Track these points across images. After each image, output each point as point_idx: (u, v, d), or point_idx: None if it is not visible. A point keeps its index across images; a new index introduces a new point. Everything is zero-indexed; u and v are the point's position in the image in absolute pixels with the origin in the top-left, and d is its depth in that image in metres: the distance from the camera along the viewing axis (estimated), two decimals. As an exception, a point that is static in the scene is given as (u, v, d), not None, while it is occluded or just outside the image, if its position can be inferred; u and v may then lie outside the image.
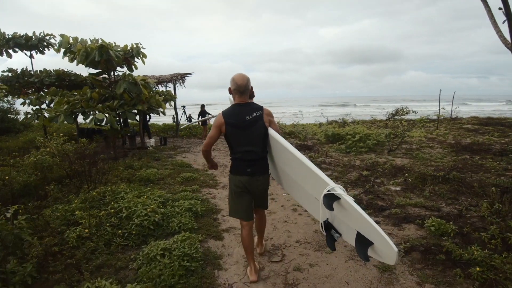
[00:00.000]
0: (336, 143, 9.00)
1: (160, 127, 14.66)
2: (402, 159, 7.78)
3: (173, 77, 11.68)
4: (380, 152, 8.62)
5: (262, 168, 2.50)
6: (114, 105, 6.99)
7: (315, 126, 12.09)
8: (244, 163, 2.43)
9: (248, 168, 2.42)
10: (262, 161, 2.49)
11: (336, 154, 8.26)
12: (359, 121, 14.59)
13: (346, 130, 9.24)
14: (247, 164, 2.42)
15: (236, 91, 2.39)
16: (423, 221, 3.72)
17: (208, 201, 4.72)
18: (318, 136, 9.85)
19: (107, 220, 3.40)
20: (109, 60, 7.22)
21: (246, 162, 2.42)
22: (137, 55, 8.32)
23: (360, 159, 7.70)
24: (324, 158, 7.72)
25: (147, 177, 5.52)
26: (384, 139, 9.15)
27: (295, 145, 9.50)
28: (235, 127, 2.37)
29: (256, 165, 2.45)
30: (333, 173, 6.32)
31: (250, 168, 2.42)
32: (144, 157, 7.78)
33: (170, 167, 6.75)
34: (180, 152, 8.93)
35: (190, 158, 8.06)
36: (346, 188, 5.33)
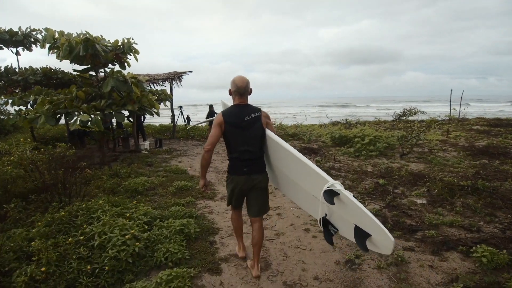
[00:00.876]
0: (344, 146, 8.25)
1: (157, 128, 13.89)
2: (417, 164, 7.04)
3: (169, 75, 10.92)
4: (391, 156, 7.89)
5: (258, 168, 2.52)
6: (101, 105, 6.23)
7: (319, 127, 11.36)
8: (241, 163, 2.44)
9: (245, 168, 2.45)
10: (258, 160, 2.51)
11: (344, 159, 7.51)
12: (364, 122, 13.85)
13: (354, 132, 8.50)
14: (244, 163, 2.44)
15: (236, 93, 2.45)
16: (469, 249, 2.98)
17: (204, 217, 3.97)
18: (324, 138, 9.10)
19: (74, 251, 2.65)
20: (96, 55, 6.45)
21: (243, 161, 2.44)
22: (128, 51, 7.56)
23: (371, 164, 6.96)
24: (332, 163, 6.98)
25: (134, 188, 4.76)
26: (396, 142, 8.41)
27: (299, 147, 8.76)
28: (234, 126, 2.39)
29: (253, 165, 2.47)
30: (345, 181, 5.57)
31: (247, 168, 2.45)
32: (136, 162, 7.02)
33: (163, 174, 5.99)
34: (176, 156, 8.17)
35: (186, 163, 7.30)
36: (363, 200, 4.59)
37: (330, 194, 1.90)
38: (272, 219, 3.99)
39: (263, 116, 2.49)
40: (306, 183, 2.23)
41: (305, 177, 2.22)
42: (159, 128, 13.87)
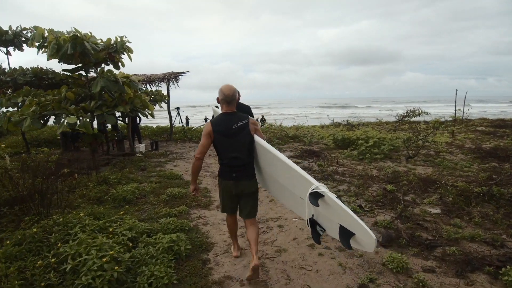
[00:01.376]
0: (347, 149, 7.86)
1: (154, 130, 13.49)
2: (424, 168, 6.66)
3: (166, 76, 10.53)
4: (396, 159, 7.50)
5: (247, 173, 2.57)
6: (91, 107, 5.84)
7: (320, 129, 10.97)
8: (230, 169, 2.51)
9: (233, 173, 2.51)
10: (247, 166, 2.55)
11: (348, 162, 7.13)
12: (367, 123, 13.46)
13: (358, 134, 8.11)
14: (232, 169, 2.50)
15: (224, 101, 2.48)
16: (497, 270, 2.60)
17: (197, 230, 3.58)
18: (326, 141, 8.71)
19: (42, 276, 2.26)
20: (86, 54, 6.07)
21: (231, 167, 2.50)
22: (121, 49, 7.19)
23: (376, 168, 6.58)
24: (335, 166, 6.60)
25: (123, 196, 4.37)
26: (401, 144, 8.03)
27: (300, 150, 8.38)
28: (222, 135, 2.44)
29: (241, 171, 2.52)
30: (350, 187, 5.19)
31: (235, 173, 2.51)
32: (128, 167, 6.62)
33: (156, 180, 5.60)
34: (171, 159, 7.78)
35: (181, 167, 6.91)
36: (372, 209, 4.21)
37: (315, 196, 1.98)
38: (272, 232, 3.60)
39: (250, 123, 2.53)
40: (293, 186, 2.29)
41: (292, 181, 2.28)
42: (156, 130, 13.47)
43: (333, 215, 1.99)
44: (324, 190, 1.99)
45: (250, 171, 2.59)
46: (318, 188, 2.00)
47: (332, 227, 2.04)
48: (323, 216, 2.09)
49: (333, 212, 1.98)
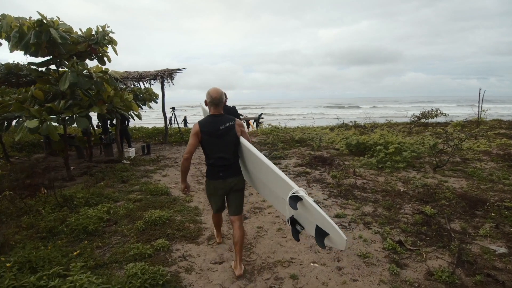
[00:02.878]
0: (364, 156, 6.74)
1: (148, 132, 12.41)
2: (456, 180, 5.54)
3: (159, 73, 9.44)
4: (420, 167, 6.39)
5: (233, 172, 2.61)
6: (59, 107, 4.77)
7: (330, 131, 9.83)
8: (217, 168, 2.56)
9: (220, 173, 2.56)
10: (233, 166, 2.61)
11: (365, 172, 6.02)
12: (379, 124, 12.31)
13: (375, 138, 7.00)
14: (219, 169, 2.55)
15: (211, 104, 2.54)
16: None
17: (176, 283, 2.49)
18: (338, 146, 7.57)
19: None
20: (55, 45, 5.00)
21: (218, 167, 2.55)
22: (102, 40, 6.11)
23: (401, 180, 5.47)
24: (353, 178, 5.49)
25: (83, 226, 3.28)
26: (424, 151, 6.92)
27: (308, 156, 7.28)
28: (209, 135, 2.49)
29: (228, 170, 2.58)
30: (377, 208, 4.08)
31: (222, 173, 2.56)
32: (108, 178, 5.55)
33: (136, 197, 4.50)
34: (162, 167, 6.69)
35: (171, 177, 5.82)
36: (417, 246, 3.11)
37: (295, 200, 2.06)
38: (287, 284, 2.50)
39: (237, 125, 2.57)
40: (275, 187, 2.36)
41: (274, 182, 2.34)
42: (150, 132, 12.39)
43: (310, 217, 2.09)
44: (303, 194, 2.08)
45: (236, 169, 2.65)
46: (298, 192, 2.08)
47: (310, 226, 2.13)
48: (302, 216, 2.18)
49: (311, 214, 2.07)
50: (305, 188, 4.97)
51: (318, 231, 2.03)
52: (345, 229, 3.45)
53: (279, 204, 2.45)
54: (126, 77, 8.40)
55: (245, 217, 3.87)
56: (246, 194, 4.76)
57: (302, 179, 5.49)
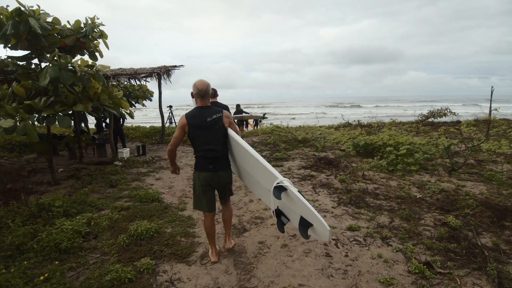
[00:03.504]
0: (373, 158, 6.24)
1: (145, 131, 11.93)
2: (475, 184, 5.06)
3: (156, 70, 8.96)
4: (433, 170, 5.90)
5: (223, 165, 2.57)
6: (40, 105, 4.29)
7: (334, 130, 9.33)
8: (206, 161, 2.50)
9: (210, 165, 2.50)
10: (223, 158, 2.56)
11: (375, 175, 5.53)
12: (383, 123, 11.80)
13: (384, 138, 6.50)
14: (209, 161, 2.50)
15: (198, 95, 2.51)
16: None
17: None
18: (344, 146, 7.07)
19: None
20: (36, 37, 4.53)
21: (208, 159, 2.49)
22: (91, 33, 5.64)
23: (415, 185, 4.98)
24: (362, 182, 5.00)
25: (57, 242, 2.80)
26: (437, 152, 6.43)
27: (313, 158, 6.80)
28: (197, 127, 2.45)
29: (217, 162, 2.52)
30: (394, 219, 3.60)
31: (212, 165, 2.50)
32: (95, 182, 5.08)
33: (123, 205, 4.02)
34: (156, 169, 6.22)
35: (165, 181, 5.35)
36: (447, 268, 2.63)
37: (279, 190, 2.05)
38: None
39: (224, 116, 2.54)
40: (261, 178, 2.35)
41: (261, 173, 2.33)
42: (148, 131, 11.91)
43: (295, 207, 2.07)
44: (287, 184, 2.06)
45: (226, 162, 2.60)
46: (282, 182, 2.07)
47: (295, 217, 2.11)
48: (287, 207, 2.17)
49: (295, 205, 2.05)
50: (311, 194, 4.49)
51: (302, 222, 2.03)
52: (360, 245, 2.97)
53: (265, 195, 2.42)
54: (120, 74, 7.92)
55: (245, 229, 3.39)
56: (246, 201, 4.28)
57: (307, 183, 5.01)
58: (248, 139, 10.39)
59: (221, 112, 2.53)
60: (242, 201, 4.27)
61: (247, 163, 2.52)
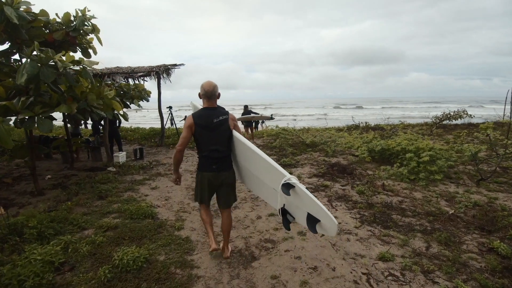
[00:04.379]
0: (393, 166, 5.61)
1: (144, 133, 11.38)
2: (507, 196, 4.46)
3: (154, 68, 8.39)
4: (458, 179, 5.29)
5: (226, 165, 2.57)
6: (18, 106, 3.72)
7: (344, 133, 8.72)
8: (211, 161, 2.50)
9: (214, 165, 2.50)
10: (226, 159, 2.56)
11: (395, 185, 4.94)
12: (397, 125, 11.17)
13: (403, 143, 5.90)
14: (213, 161, 2.50)
15: (205, 96, 2.50)
16: None
17: None
18: (359, 152, 6.44)
19: None
20: (15, 28, 3.96)
21: (212, 159, 2.50)
22: (81, 26, 5.09)
23: (443, 197, 4.39)
24: (384, 194, 4.41)
25: (21, 280, 2.22)
26: (459, 159, 5.83)
27: (323, 164, 6.21)
28: (203, 128, 2.45)
29: (221, 163, 2.53)
30: (430, 243, 3.00)
31: (215, 165, 2.51)
32: (82, 192, 4.51)
33: (111, 222, 3.43)
34: (153, 176, 5.64)
35: (161, 191, 4.76)
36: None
37: (287, 187, 2.05)
38: None
39: (230, 119, 2.54)
40: (267, 177, 2.35)
41: (266, 173, 2.34)
42: (147, 133, 11.35)
43: (302, 204, 2.08)
44: (295, 181, 2.06)
45: (229, 163, 2.61)
46: (290, 179, 2.08)
47: (301, 215, 2.13)
48: (293, 205, 2.18)
49: (302, 201, 2.06)
50: (328, 208, 3.90)
51: (310, 218, 2.05)
52: (399, 283, 2.37)
53: (270, 196, 2.43)
54: (116, 72, 7.36)
55: (254, 256, 2.80)
56: (253, 218, 3.69)
57: (321, 195, 4.41)
58: (252, 141, 9.81)
59: (227, 114, 2.53)
60: (249, 218, 3.68)
61: (251, 163, 2.49)
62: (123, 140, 11.05)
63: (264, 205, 4.03)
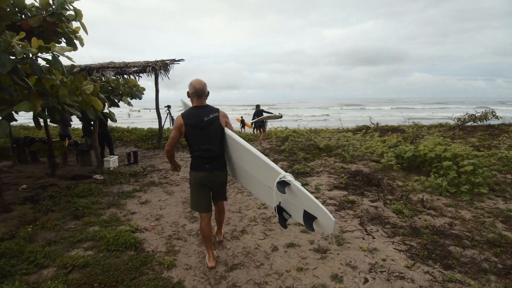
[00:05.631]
0: (431, 176, 4.71)
1: (142, 134, 10.54)
2: None
3: (151, 64, 7.55)
4: (502, 191, 4.42)
5: (219, 165, 2.51)
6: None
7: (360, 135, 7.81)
8: (203, 160, 2.44)
9: (206, 165, 2.44)
10: (219, 158, 2.50)
11: (434, 199, 4.07)
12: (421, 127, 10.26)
13: (437, 149, 5.01)
14: (205, 161, 2.44)
15: (194, 95, 2.42)
16: None
17: None
18: (386, 158, 5.49)
19: None
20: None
21: (204, 159, 2.43)
22: (59, 9, 4.28)
23: (496, 216, 3.51)
24: (425, 213, 3.54)
25: None
26: (501, 167, 4.95)
27: (343, 172, 5.36)
28: (193, 127, 2.38)
29: (214, 162, 2.46)
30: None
31: (208, 165, 2.44)
32: (56, 209, 3.67)
33: (81, 256, 2.59)
34: (144, 187, 4.79)
35: (153, 205, 3.92)
36: None
37: (282, 185, 2.01)
38: None
39: (221, 116, 2.46)
40: (262, 175, 2.31)
41: (261, 170, 2.29)
42: (144, 134, 10.51)
43: (298, 201, 2.04)
44: (290, 179, 2.02)
45: (222, 162, 2.55)
46: (285, 177, 2.03)
47: (297, 212, 2.09)
48: (289, 202, 2.14)
49: (298, 199, 2.02)
50: (362, 235, 3.03)
51: (306, 216, 1.99)
52: None
53: (265, 193, 2.36)
54: (106, 67, 6.52)
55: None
56: (268, 250, 2.83)
57: (349, 215, 3.53)
58: (256, 144, 8.96)
59: (217, 111, 2.46)
60: (261, 250, 2.82)
61: (244, 161, 2.45)
62: (119, 141, 10.23)
63: (280, 230, 3.17)
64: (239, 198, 4.26)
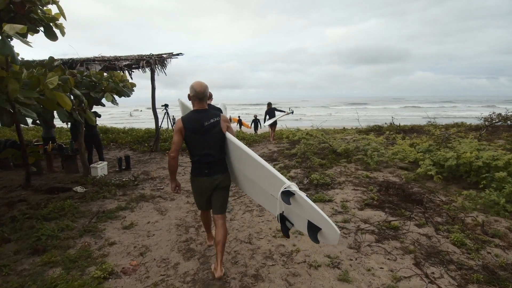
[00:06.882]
0: (486, 191, 3.82)
1: (138, 135, 9.69)
2: None
3: (145, 58, 6.69)
4: None
5: (219, 169, 2.41)
6: None
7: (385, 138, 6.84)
8: (202, 165, 2.37)
9: (206, 170, 2.37)
10: (219, 162, 2.41)
11: (490, 220, 3.20)
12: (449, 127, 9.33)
13: (484, 156, 4.12)
14: (205, 166, 2.36)
15: (195, 98, 2.32)
16: None
17: None
18: (423, 167, 4.52)
19: None
20: None
21: (204, 164, 2.36)
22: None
23: None
24: (491, 243, 2.68)
25: None
26: None
27: (368, 183, 4.49)
28: (193, 132, 2.29)
29: (214, 167, 2.38)
30: None
31: (207, 170, 2.37)
32: (14, 236, 2.83)
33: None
34: (132, 202, 3.94)
35: (138, 231, 3.08)
36: None
37: (287, 194, 1.95)
38: None
39: (222, 120, 2.36)
40: (265, 183, 2.23)
41: (264, 178, 2.22)
42: (141, 135, 9.67)
43: (302, 212, 1.97)
44: (295, 189, 1.94)
45: (223, 166, 2.44)
46: (290, 187, 1.95)
47: (301, 222, 2.02)
48: (292, 212, 2.06)
49: (303, 209, 1.95)
50: (426, 286, 2.17)
51: (310, 227, 1.91)
52: None
53: (267, 201, 2.26)
54: (92, 60, 5.68)
55: None
56: None
57: (397, 250, 2.65)
58: (263, 145, 8.10)
59: (218, 116, 2.34)
60: None
61: (247, 168, 2.32)
62: (114, 143, 9.40)
63: (309, 276, 2.31)
64: (248, 219, 3.40)
